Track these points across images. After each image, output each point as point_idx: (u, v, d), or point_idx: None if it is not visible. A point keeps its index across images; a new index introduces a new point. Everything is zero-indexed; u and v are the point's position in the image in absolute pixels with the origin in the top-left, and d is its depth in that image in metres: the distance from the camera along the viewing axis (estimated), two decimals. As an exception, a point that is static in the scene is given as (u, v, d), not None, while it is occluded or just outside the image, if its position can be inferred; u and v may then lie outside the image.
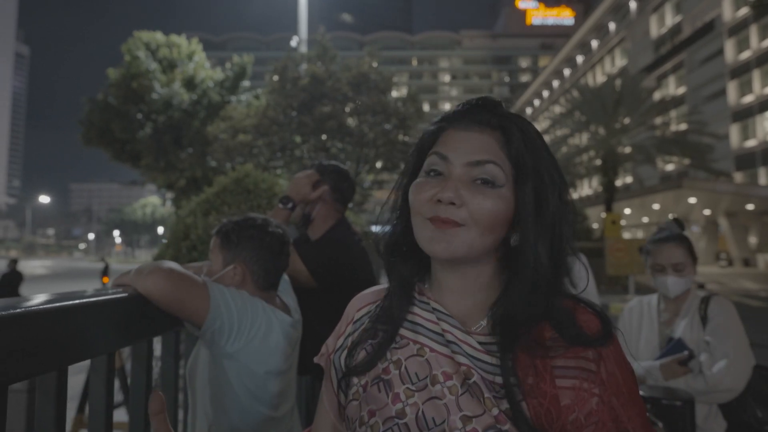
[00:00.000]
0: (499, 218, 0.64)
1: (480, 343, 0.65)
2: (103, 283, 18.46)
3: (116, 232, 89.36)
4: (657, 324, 1.85)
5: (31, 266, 50.34)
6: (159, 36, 19.06)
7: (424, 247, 0.66)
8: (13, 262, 9.52)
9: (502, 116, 0.68)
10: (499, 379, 0.61)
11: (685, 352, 1.69)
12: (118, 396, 3.63)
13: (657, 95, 26.87)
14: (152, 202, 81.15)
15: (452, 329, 0.66)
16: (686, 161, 20.79)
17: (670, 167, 31.14)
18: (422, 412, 0.63)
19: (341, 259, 1.69)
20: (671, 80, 36.42)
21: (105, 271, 19.35)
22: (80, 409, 3.67)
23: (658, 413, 1.34)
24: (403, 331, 0.71)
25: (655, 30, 38.84)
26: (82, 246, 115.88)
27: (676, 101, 32.54)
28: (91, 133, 18.41)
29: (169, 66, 19.01)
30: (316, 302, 1.64)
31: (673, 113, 29.06)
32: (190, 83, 18.83)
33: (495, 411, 0.60)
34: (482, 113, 0.68)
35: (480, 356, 0.64)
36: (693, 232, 31.14)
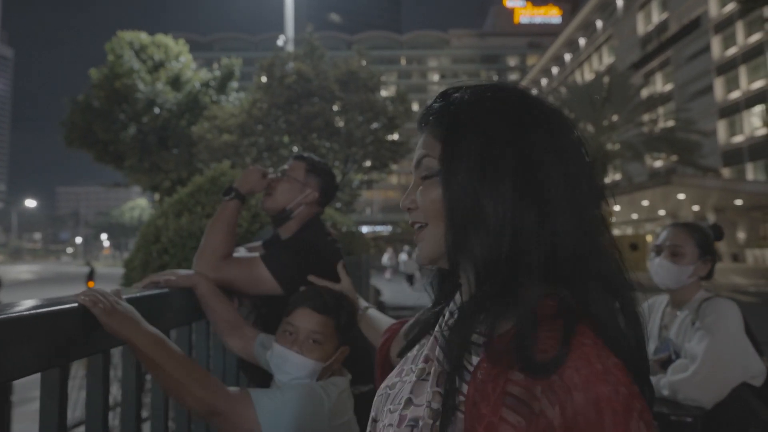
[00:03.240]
0: (437, 204, 0.61)
1: None
2: (88, 287, 18.04)
3: (104, 236, 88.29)
4: (658, 325, 1.70)
5: (17, 271, 49.56)
6: (143, 36, 18.76)
7: (417, 262, 0.67)
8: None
9: (435, 108, 0.66)
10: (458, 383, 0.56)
11: (666, 353, 1.55)
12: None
13: (644, 92, 27.02)
14: (140, 204, 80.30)
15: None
16: (674, 158, 20.93)
17: (658, 164, 31.34)
18: (402, 389, 0.64)
19: (310, 262, 1.51)
20: (658, 77, 36.67)
21: (90, 275, 18.97)
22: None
23: (666, 430, 1.19)
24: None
25: (642, 27, 39.08)
26: (69, 250, 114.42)
27: (664, 98, 32.74)
28: (74, 134, 18.05)
29: (154, 66, 18.71)
30: (281, 310, 1.48)
31: (660, 110, 29.22)
32: (175, 83, 18.54)
33: (435, 405, 0.56)
34: (423, 118, 0.67)
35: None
36: (682, 228, 31.22)
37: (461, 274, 0.64)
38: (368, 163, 13.57)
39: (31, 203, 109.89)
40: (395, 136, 13.66)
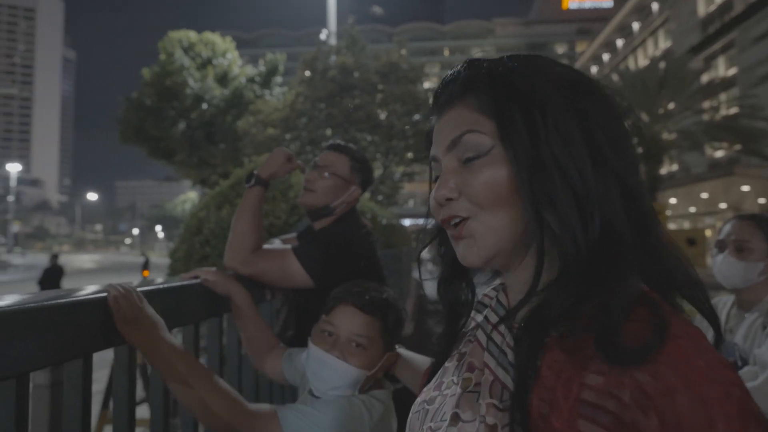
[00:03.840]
0: (501, 186, 0.52)
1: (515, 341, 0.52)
2: (143, 277, 19.09)
3: (158, 227, 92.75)
4: (723, 328, 1.54)
5: (81, 260, 53.15)
6: (192, 34, 19.42)
7: (465, 264, 0.56)
8: (54, 257, 9.89)
9: (465, 78, 0.56)
10: (509, 383, 0.49)
11: (731, 359, 1.40)
12: (141, 393, 3.61)
13: (705, 78, 25.39)
14: (191, 197, 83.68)
15: (496, 325, 0.56)
16: (737, 147, 19.57)
17: (719, 154, 29.46)
18: (444, 404, 0.56)
19: (343, 256, 1.45)
20: (720, 61, 34.36)
21: (146, 265, 20.02)
22: (105, 404, 3.65)
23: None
24: (476, 317, 0.62)
25: (702, 8, 36.70)
26: (128, 241, 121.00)
27: (726, 83, 30.63)
28: (128, 131, 18.99)
29: (203, 63, 19.36)
30: (314, 303, 1.45)
31: (722, 96, 27.42)
32: (222, 79, 19.13)
33: (490, 420, 0.48)
34: (447, 89, 0.58)
35: (507, 354, 0.52)
36: (745, 222, 29.41)
37: (512, 269, 0.56)
38: (410, 155, 13.48)
39: (92, 197, 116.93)
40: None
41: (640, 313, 0.45)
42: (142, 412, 3.14)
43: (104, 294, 0.86)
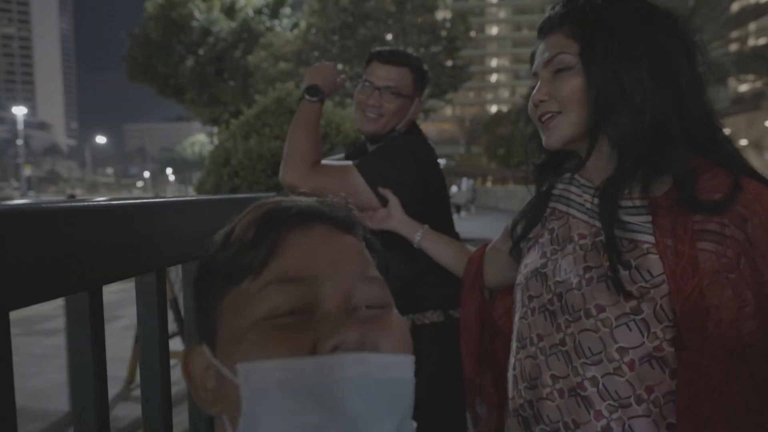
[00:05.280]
0: (578, 92, 0.71)
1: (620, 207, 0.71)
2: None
3: (169, 170, 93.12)
4: None
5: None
6: (195, -37, 18.39)
7: (544, 145, 0.78)
8: (71, 197, 9.91)
9: (562, 12, 0.75)
10: (630, 235, 0.68)
11: None
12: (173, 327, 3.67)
13: (735, 6, 23.82)
14: (200, 140, 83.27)
15: (591, 198, 0.75)
16: (765, 80, 18.70)
17: (743, 88, 28.18)
18: (558, 265, 0.76)
19: (411, 171, 1.32)
20: (754, -13, 32.13)
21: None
22: (138, 339, 3.76)
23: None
24: (558, 206, 0.83)
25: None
26: (139, 184, 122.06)
27: (758, 11, 28.76)
28: (135, 69, 18.51)
29: (208, -6, 18.49)
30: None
31: (752, 26, 25.82)
32: (229, 11, 18.33)
33: (606, 263, 0.68)
34: (549, 21, 0.77)
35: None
36: (766, 160, 28.79)
37: (594, 153, 0.74)
38: (427, 91, 12.99)
39: (101, 140, 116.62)
40: (456, 62, 12.90)
41: (712, 172, 0.66)
42: (176, 344, 3.11)
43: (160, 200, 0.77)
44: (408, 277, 1.34)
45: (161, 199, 0.77)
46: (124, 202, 0.67)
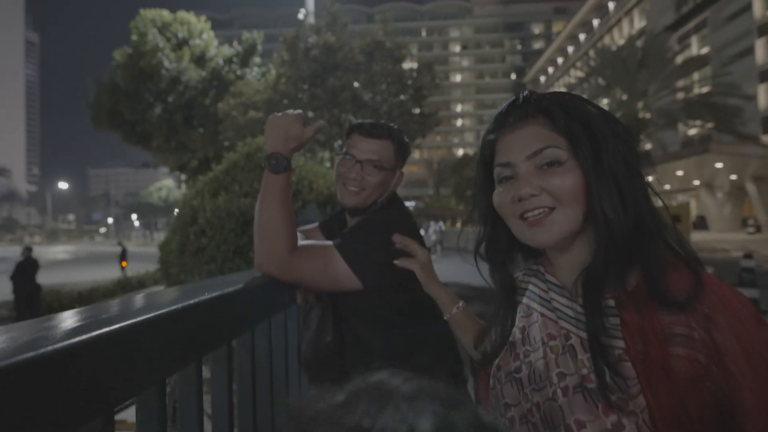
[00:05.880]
0: (577, 188, 0.70)
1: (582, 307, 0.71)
2: (122, 267, 18.55)
3: (134, 216, 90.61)
4: None
5: (53, 251, 51.47)
6: (165, 14, 18.65)
7: (530, 243, 0.73)
8: (27, 249, 9.39)
9: (538, 102, 0.74)
10: (605, 340, 0.65)
11: None
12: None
13: (679, 57, 25.68)
14: (167, 185, 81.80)
15: (559, 297, 0.75)
16: (711, 125, 19.94)
17: (692, 132, 29.96)
18: (533, 369, 0.73)
19: (395, 250, 1.22)
20: (694, 40, 34.81)
21: (123, 255, 19.46)
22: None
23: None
24: (527, 301, 0.81)
25: (677, -13, 36.95)
26: (102, 230, 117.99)
27: (699, 62, 31.09)
28: (101, 115, 18.24)
29: (178, 44, 18.66)
30: (359, 304, 1.25)
31: (695, 75, 27.82)
32: (200, 60, 18.49)
33: (584, 371, 0.66)
34: (519, 110, 0.75)
35: (582, 319, 0.69)
36: (717, 198, 30.22)
37: (569, 249, 0.74)
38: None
39: (63, 185, 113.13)
40: (423, 110, 13.29)
41: (675, 268, 0.66)
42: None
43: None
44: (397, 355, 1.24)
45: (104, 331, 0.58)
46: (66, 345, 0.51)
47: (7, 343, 0.49)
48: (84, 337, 0.54)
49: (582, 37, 54.42)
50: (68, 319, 0.62)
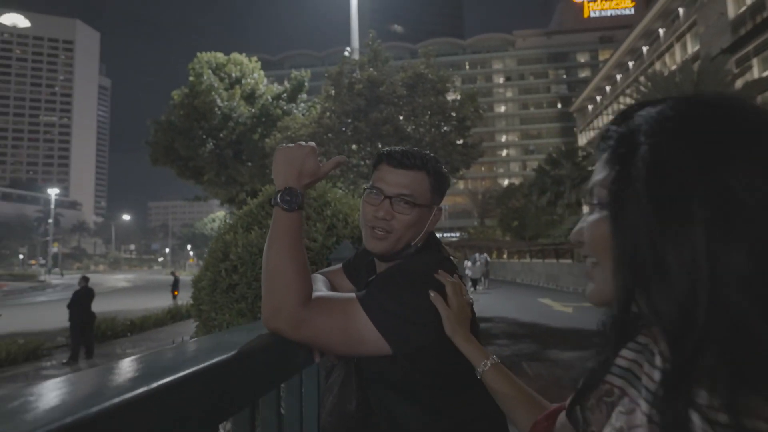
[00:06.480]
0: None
1: None
2: (174, 296, 19.22)
3: (189, 246, 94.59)
4: None
5: (115, 279, 54.63)
6: (220, 55, 19.84)
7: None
8: (84, 279, 9.86)
9: (612, 128, 0.57)
10: None
11: None
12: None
13: (739, 81, 24.42)
14: (219, 216, 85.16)
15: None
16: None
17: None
18: None
19: (431, 308, 1.00)
20: (754, 63, 33.10)
21: (175, 285, 20.19)
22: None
23: None
24: (632, 393, 0.55)
25: (732, 9, 35.58)
26: (160, 260, 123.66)
27: (762, 85, 29.47)
28: (158, 153, 19.35)
29: (231, 84, 19.76)
30: (389, 370, 1.01)
31: (758, 99, 26.33)
32: (250, 98, 19.42)
33: None
34: (601, 139, 0.60)
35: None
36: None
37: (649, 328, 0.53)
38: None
39: (126, 217, 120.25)
40: (466, 140, 13.19)
41: None
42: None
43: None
44: None
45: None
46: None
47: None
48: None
49: (631, 64, 53.11)
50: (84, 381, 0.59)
